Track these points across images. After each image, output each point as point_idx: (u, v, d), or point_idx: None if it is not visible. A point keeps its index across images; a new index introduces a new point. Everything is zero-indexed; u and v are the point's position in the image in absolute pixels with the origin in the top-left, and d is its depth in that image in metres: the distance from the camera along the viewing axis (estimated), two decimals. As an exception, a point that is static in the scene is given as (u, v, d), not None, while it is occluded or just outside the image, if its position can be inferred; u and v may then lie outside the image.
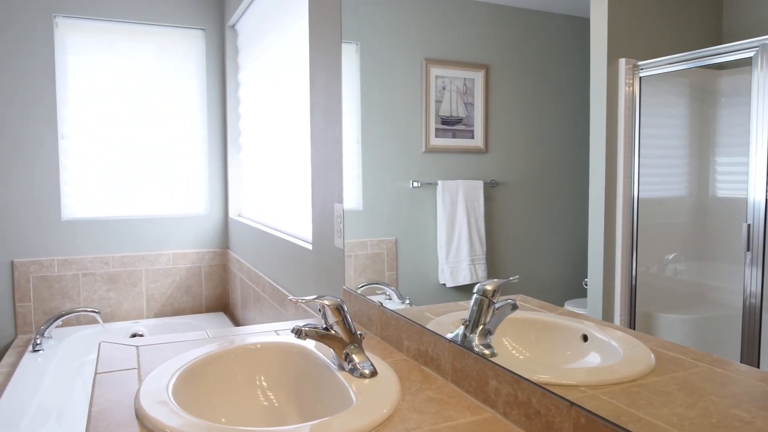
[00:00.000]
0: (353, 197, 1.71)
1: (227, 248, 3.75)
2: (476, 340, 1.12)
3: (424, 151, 1.32)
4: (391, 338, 1.45)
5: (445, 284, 1.28)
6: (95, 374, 1.25)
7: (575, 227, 0.92)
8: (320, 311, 1.25)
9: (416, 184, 1.36)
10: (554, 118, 0.96)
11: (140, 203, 3.57)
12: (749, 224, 0.67)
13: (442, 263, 1.28)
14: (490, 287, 1.11)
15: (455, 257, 1.24)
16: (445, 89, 1.24)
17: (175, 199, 3.65)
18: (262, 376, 1.35)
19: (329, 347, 1.23)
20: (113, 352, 1.39)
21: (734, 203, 0.69)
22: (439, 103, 1.26)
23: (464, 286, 1.21)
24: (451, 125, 1.23)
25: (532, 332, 1.03)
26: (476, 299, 1.12)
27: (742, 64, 0.67)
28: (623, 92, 0.81)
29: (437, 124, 1.27)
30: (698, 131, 0.72)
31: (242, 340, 1.40)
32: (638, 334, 0.81)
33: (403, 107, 1.41)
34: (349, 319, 1.23)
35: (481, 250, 1.16)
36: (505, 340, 1.09)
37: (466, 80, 1.18)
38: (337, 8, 1.79)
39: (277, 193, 2.87)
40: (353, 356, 1.20)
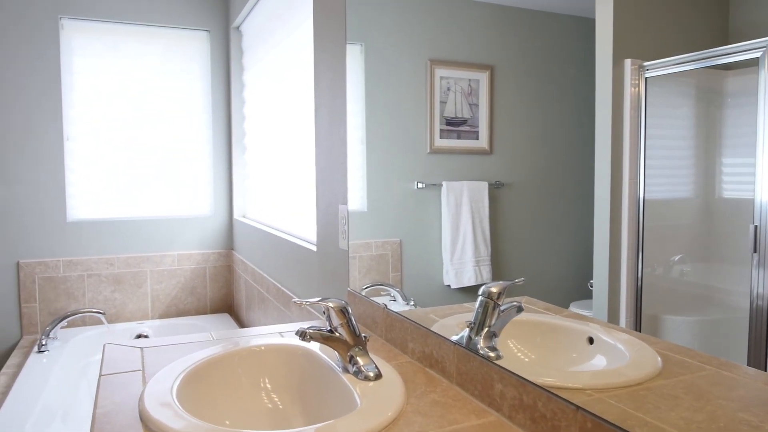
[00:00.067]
0: (358, 198, 1.71)
1: (232, 249, 3.75)
2: (481, 342, 1.11)
3: (428, 152, 1.32)
4: (395, 340, 1.44)
5: (449, 285, 1.27)
6: (100, 376, 1.25)
7: (580, 228, 0.91)
8: (325, 313, 1.25)
9: (421, 185, 1.36)
10: (559, 118, 0.95)
11: (145, 204, 3.57)
12: (756, 226, 0.67)
13: (446, 264, 1.28)
14: (495, 289, 1.10)
15: (460, 258, 1.23)
16: (449, 90, 1.24)
17: (180, 200, 3.66)
18: (266, 378, 1.35)
19: (334, 349, 1.23)
20: (118, 353, 1.39)
21: (741, 204, 0.68)
22: (443, 104, 1.26)
23: (469, 287, 1.21)
24: (455, 126, 1.23)
25: (537, 335, 1.03)
26: (481, 301, 1.12)
27: (748, 64, 0.67)
28: (629, 93, 0.81)
29: (442, 125, 1.27)
30: (704, 132, 0.72)
31: (246, 342, 1.40)
32: (644, 336, 0.80)
33: (407, 108, 1.40)
34: (353, 321, 1.23)
35: (485, 251, 1.15)
36: (510, 342, 1.08)
37: (470, 81, 1.18)
38: (341, 9, 1.79)
39: (281, 194, 2.87)
40: (358, 359, 1.20)
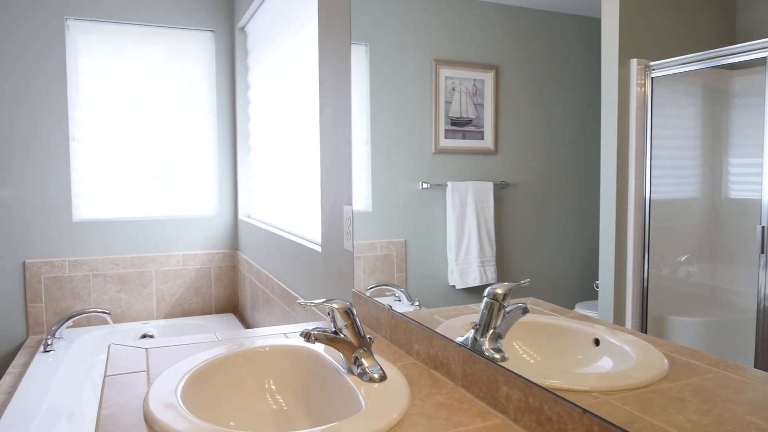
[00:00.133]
0: (362, 198, 1.71)
1: (237, 249, 3.76)
2: (486, 344, 1.11)
3: (433, 152, 1.32)
4: (400, 342, 1.44)
5: (454, 286, 1.27)
6: (104, 377, 1.25)
7: (586, 229, 0.91)
8: (329, 314, 1.25)
9: (425, 185, 1.36)
10: (564, 118, 0.95)
11: (150, 204, 3.58)
12: (763, 226, 0.66)
13: (451, 265, 1.27)
14: (500, 291, 1.10)
15: (465, 259, 1.23)
16: (454, 90, 1.23)
17: (184, 200, 3.66)
18: (270, 379, 1.35)
19: (338, 351, 1.23)
20: (122, 354, 1.40)
21: (748, 205, 0.68)
22: (448, 104, 1.25)
23: (474, 287, 1.20)
24: (460, 126, 1.22)
25: (543, 336, 1.02)
26: (486, 303, 1.12)
27: (755, 64, 0.66)
28: (635, 93, 0.81)
29: (447, 125, 1.26)
30: (711, 132, 0.72)
31: (251, 343, 1.40)
32: (650, 338, 0.80)
33: (412, 108, 1.40)
34: (358, 322, 1.23)
35: (490, 251, 1.15)
36: (515, 343, 1.08)
37: (475, 81, 1.17)
38: (346, 9, 1.79)
39: (286, 194, 2.87)
40: (362, 360, 1.20)
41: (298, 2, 2.57)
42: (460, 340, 1.19)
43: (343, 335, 1.22)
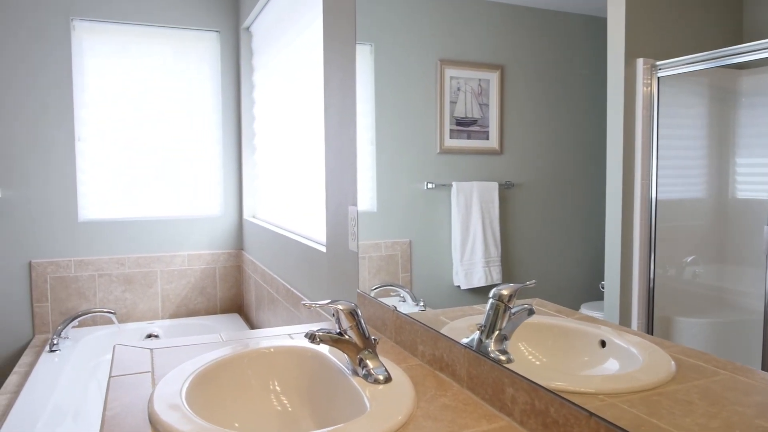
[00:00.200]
0: (367, 198, 1.70)
1: (242, 249, 3.76)
2: (492, 345, 1.10)
3: (438, 152, 1.31)
4: (405, 343, 1.44)
5: (459, 286, 1.26)
6: (109, 377, 1.25)
7: (591, 229, 0.90)
8: (334, 315, 1.24)
9: (431, 185, 1.35)
10: (570, 118, 0.94)
11: (155, 205, 3.59)
12: (771, 227, 0.66)
13: (456, 265, 1.27)
14: (506, 292, 1.09)
15: (470, 259, 1.22)
16: (459, 90, 1.23)
17: (190, 200, 3.67)
18: (275, 380, 1.34)
19: (343, 352, 1.23)
20: (127, 354, 1.40)
21: (755, 205, 0.67)
22: (453, 104, 1.25)
23: (479, 288, 1.20)
24: (465, 126, 1.22)
25: (549, 338, 1.02)
26: (492, 304, 1.11)
27: (763, 63, 0.66)
28: (641, 93, 0.80)
29: (452, 125, 1.26)
30: (718, 132, 0.71)
31: (256, 343, 1.40)
32: (657, 339, 0.79)
33: (417, 108, 1.39)
34: (363, 323, 1.22)
35: (495, 252, 1.14)
36: (521, 345, 1.07)
37: (481, 81, 1.17)
38: (351, 9, 1.78)
39: (291, 194, 2.87)
40: (367, 361, 1.19)
41: (303, 2, 2.57)
42: (465, 341, 1.19)
43: (347, 336, 1.22)
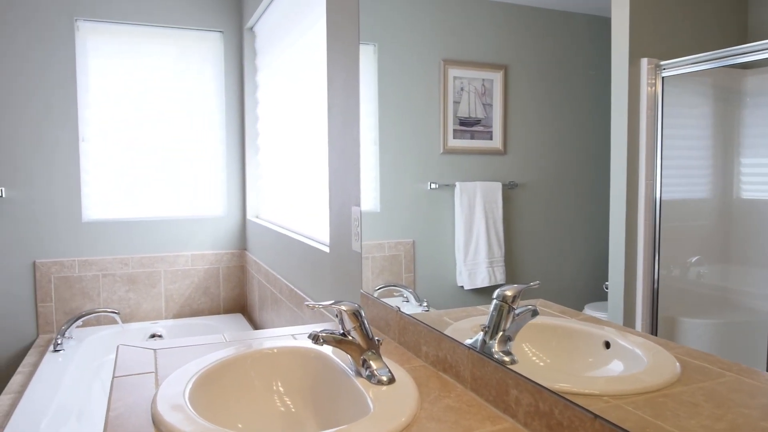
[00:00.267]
0: (371, 199, 1.70)
1: (245, 250, 3.76)
2: (496, 346, 1.10)
3: (442, 152, 1.31)
4: (409, 344, 1.43)
5: (462, 286, 1.26)
6: (113, 378, 1.26)
7: (595, 229, 0.90)
8: (338, 316, 1.24)
9: (434, 185, 1.35)
10: (574, 118, 0.94)
11: (159, 205, 3.59)
12: (776, 227, 0.65)
13: (460, 265, 1.27)
14: (510, 293, 1.09)
15: (473, 259, 1.22)
16: (463, 90, 1.23)
17: (193, 200, 3.67)
18: (279, 381, 1.34)
19: (346, 353, 1.22)
20: (131, 355, 1.40)
21: (760, 205, 0.67)
22: (457, 104, 1.25)
23: (482, 288, 1.19)
24: (469, 126, 1.22)
25: (553, 339, 1.01)
26: (496, 305, 1.11)
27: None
28: (645, 93, 0.80)
29: (455, 125, 1.26)
30: (722, 132, 0.71)
31: (259, 344, 1.40)
32: (661, 340, 0.79)
33: (421, 108, 1.39)
34: (366, 324, 1.22)
35: (499, 252, 1.14)
36: (525, 346, 1.07)
37: (484, 81, 1.17)
38: (355, 9, 1.78)
39: (294, 195, 2.87)
40: (371, 362, 1.19)
41: (306, 2, 2.57)
42: (469, 342, 1.19)
43: (351, 337, 1.21)
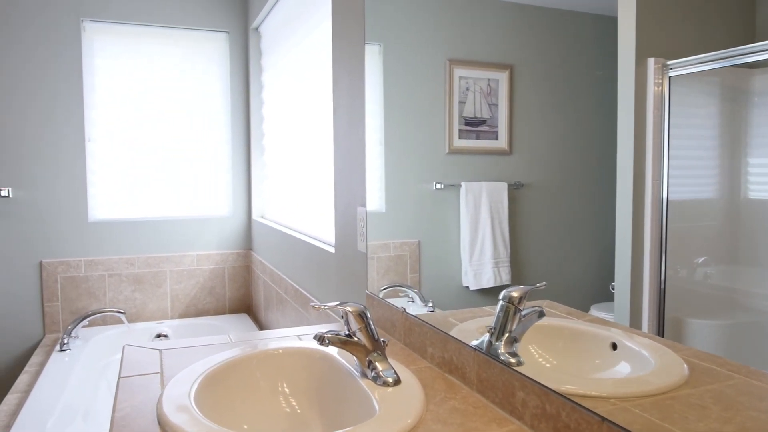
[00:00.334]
0: (376, 199, 1.70)
1: (250, 250, 3.77)
2: (502, 348, 1.09)
3: (447, 152, 1.31)
4: (414, 345, 1.43)
5: (468, 287, 1.26)
6: (119, 378, 1.26)
7: (601, 229, 0.89)
8: (343, 317, 1.24)
9: (439, 185, 1.35)
10: (580, 118, 0.93)
11: (165, 205, 3.60)
12: (784, 227, 0.65)
13: (465, 265, 1.26)
14: (516, 294, 1.08)
15: (479, 260, 1.22)
16: (468, 90, 1.22)
17: (199, 200, 3.68)
18: (284, 382, 1.34)
19: (352, 354, 1.22)
20: (137, 355, 1.40)
21: (768, 205, 0.66)
22: (462, 104, 1.24)
23: (488, 289, 1.19)
24: (474, 126, 1.21)
25: (559, 340, 1.01)
26: (502, 306, 1.10)
27: (776, 62, 0.65)
28: (652, 92, 0.79)
29: (461, 125, 1.25)
30: (730, 131, 0.70)
31: (264, 345, 1.40)
32: (668, 342, 0.78)
33: (426, 108, 1.39)
34: (372, 325, 1.22)
35: (505, 252, 1.14)
36: (531, 347, 1.06)
37: (490, 81, 1.16)
38: (360, 10, 1.78)
39: (300, 195, 2.87)
40: (376, 364, 1.19)
41: (312, 2, 2.57)
42: (474, 343, 1.18)
43: (356, 338, 1.21)
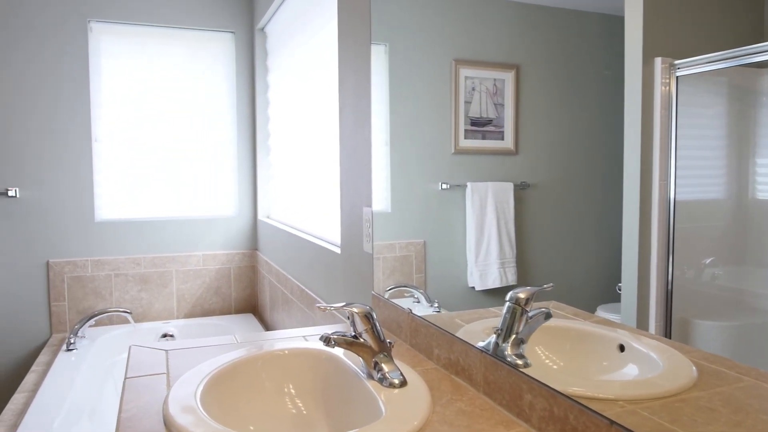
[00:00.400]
0: (382, 199, 1.70)
1: (256, 250, 3.77)
2: (509, 349, 1.09)
3: (453, 152, 1.30)
4: (420, 346, 1.43)
5: (474, 287, 1.25)
6: (125, 378, 1.26)
7: (608, 230, 0.89)
8: (349, 318, 1.24)
9: (445, 185, 1.34)
10: (586, 118, 0.93)
11: (171, 205, 3.61)
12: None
13: (471, 266, 1.26)
14: (523, 295, 1.08)
15: (484, 260, 1.21)
16: (474, 90, 1.22)
17: (205, 200, 3.68)
18: (290, 383, 1.34)
19: (358, 355, 1.22)
20: (143, 356, 1.40)
21: (776, 206, 0.66)
22: (468, 104, 1.24)
23: (494, 289, 1.19)
24: (480, 126, 1.21)
25: (566, 341, 1.00)
26: (509, 307, 1.10)
27: (784, 62, 0.65)
28: (659, 92, 0.79)
29: (467, 125, 1.25)
30: (738, 131, 0.70)
31: (270, 345, 1.40)
32: (676, 344, 0.78)
33: (432, 108, 1.38)
34: (378, 326, 1.21)
35: (510, 252, 1.13)
36: (538, 349, 1.06)
37: (496, 81, 1.16)
38: (366, 10, 1.78)
39: (305, 195, 2.87)
40: (382, 365, 1.19)
41: (317, 3, 2.57)
42: (481, 345, 1.18)
43: (362, 339, 1.21)
